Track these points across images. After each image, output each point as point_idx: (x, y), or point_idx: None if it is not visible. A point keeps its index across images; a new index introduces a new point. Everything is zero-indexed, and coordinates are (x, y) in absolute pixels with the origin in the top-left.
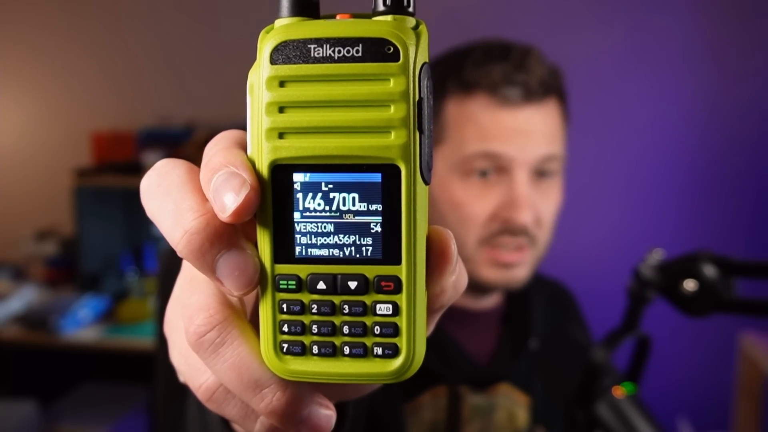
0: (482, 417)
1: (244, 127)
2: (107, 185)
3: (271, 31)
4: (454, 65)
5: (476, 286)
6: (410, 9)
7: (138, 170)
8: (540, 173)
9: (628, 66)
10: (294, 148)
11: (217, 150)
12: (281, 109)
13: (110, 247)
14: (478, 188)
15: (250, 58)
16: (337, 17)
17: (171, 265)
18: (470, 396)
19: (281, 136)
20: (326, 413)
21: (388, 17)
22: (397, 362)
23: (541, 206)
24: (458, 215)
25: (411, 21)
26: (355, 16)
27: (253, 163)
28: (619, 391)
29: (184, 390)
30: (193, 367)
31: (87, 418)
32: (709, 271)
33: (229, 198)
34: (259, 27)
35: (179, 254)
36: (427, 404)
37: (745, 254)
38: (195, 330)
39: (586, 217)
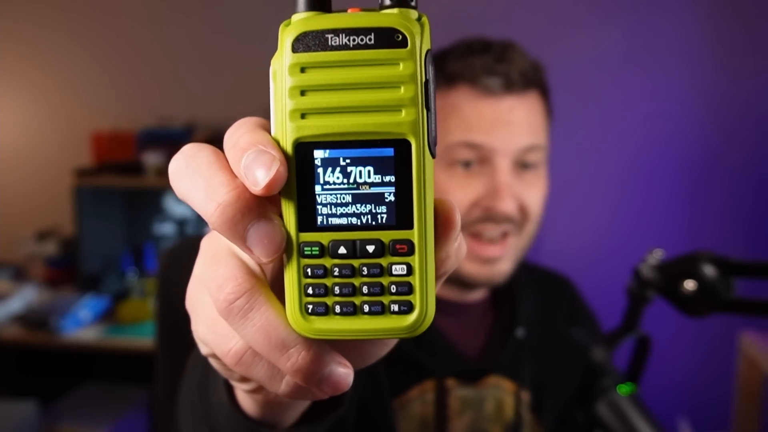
0: (473, 409)
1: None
2: (107, 185)
3: (291, 24)
4: (438, 60)
5: (459, 281)
6: (413, 3)
7: (138, 170)
8: (523, 165)
9: (627, 64)
10: (315, 127)
11: (242, 132)
12: (303, 92)
13: (110, 248)
14: (461, 177)
15: (250, 59)
16: (348, 11)
17: (171, 263)
18: (458, 389)
19: (303, 116)
20: (345, 371)
21: (395, 10)
22: (412, 317)
23: (525, 196)
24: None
25: (414, 13)
26: (363, 10)
27: (277, 142)
28: (619, 391)
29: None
30: (221, 334)
31: (87, 418)
32: (709, 271)
33: (260, 173)
34: (260, 28)
35: (212, 226)
36: (416, 399)
37: (745, 254)
38: (225, 298)
39: (585, 216)
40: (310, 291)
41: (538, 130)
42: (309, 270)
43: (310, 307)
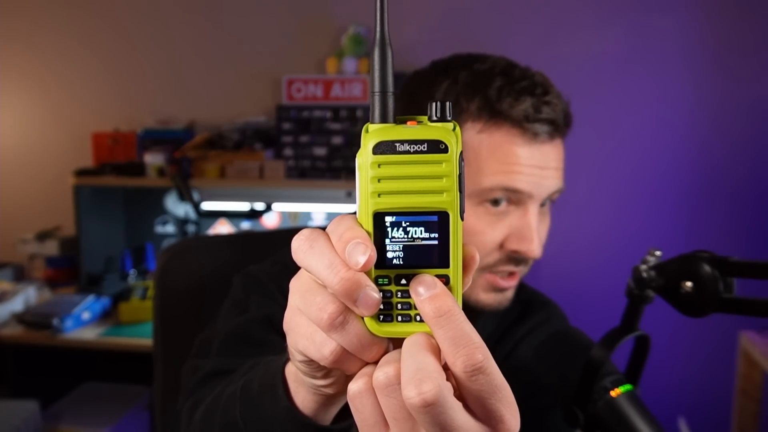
0: None
1: (240, 128)
2: (108, 185)
3: (371, 132)
4: (473, 86)
5: (469, 308)
6: (449, 118)
7: (139, 171)
8: (543, 203)
9: (629, 66)
10: (386, 202)
11: (343, 229)
12: (379, 180)
13: (111, 248)
14: (489, 216)
15: (250, 60)
16: (408, 123)
17: (169, 263)
18: None
19: (379, 195)
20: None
21: (439, 124)
22: None
23: (542, 234)
24: (468, 241)
25: (451, 125)
26: (418, 121)
27: (363, 213)
28: (618, 391)
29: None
30: (319, 342)
31: (87, 418)
32: (708, 271)
33: (360, 258)
34: (260, 29)
35: (332, 290)
36: None
37: (745, 254)
38: (328, 316)
39: (586, 217)
40: (382, 307)
41: (564, 173)
42: (381, 293)
43: (382, 317)
